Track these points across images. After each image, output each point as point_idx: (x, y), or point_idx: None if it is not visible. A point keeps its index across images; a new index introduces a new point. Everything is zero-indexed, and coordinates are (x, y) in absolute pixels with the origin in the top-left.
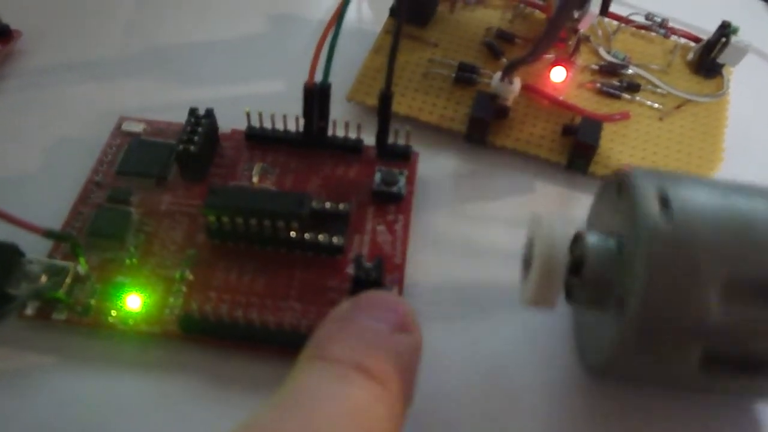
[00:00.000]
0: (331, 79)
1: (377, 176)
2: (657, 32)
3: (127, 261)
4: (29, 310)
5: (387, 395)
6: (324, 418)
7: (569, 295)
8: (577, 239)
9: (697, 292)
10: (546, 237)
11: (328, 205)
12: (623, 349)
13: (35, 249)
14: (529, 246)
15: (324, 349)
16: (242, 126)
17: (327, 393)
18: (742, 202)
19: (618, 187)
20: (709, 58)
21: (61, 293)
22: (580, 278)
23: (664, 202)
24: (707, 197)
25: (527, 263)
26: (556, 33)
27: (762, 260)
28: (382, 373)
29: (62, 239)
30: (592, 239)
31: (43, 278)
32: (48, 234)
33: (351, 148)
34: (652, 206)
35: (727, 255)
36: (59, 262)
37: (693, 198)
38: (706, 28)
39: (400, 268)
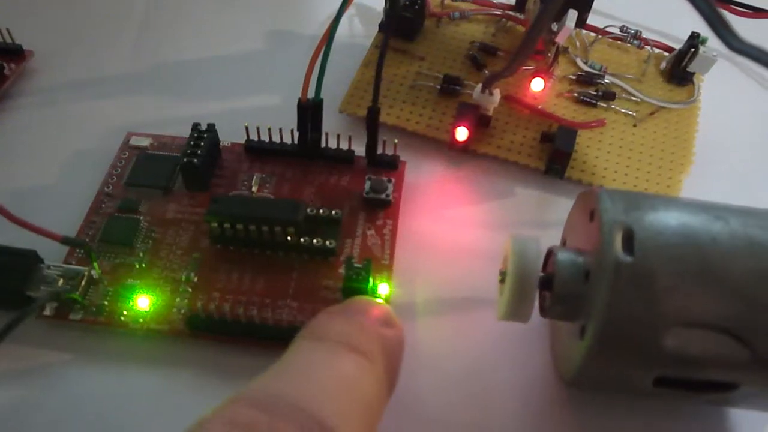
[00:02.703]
0: (325, 91)
1: (367, 184)
2: (631, 43)
3: (137, 265)
4: (48, 311)
5: (374, 370)
6: (316, 383)
7: (542, 309)
8: (549, 255)
9: (652, 327)
10: (519, 255)
11: (321, 211)
12: (586, 367)
13: (52, 255)
14: (505, 262)
15: (316, 331)
16: (241, 139)
17: (319, 364)
18: (705, 238)
19: (590, 213)
20: (681, 67)
21: (76, 295)
22: (551, 293)
23: (628, 238)
24: (670, 232)
25: (503, 279)
26: (530, 48)
27: (714, 299)
28: (370, 351)
29: (78, 245)
30: (563, 256)
31: (60, 281)
32: (65, 241)
33: (343, 159)
34: (616, 242)
35: (683, 295)
36: (75, 267)
37: (656, 234)
38: (680, 37)
39: (388, 269)
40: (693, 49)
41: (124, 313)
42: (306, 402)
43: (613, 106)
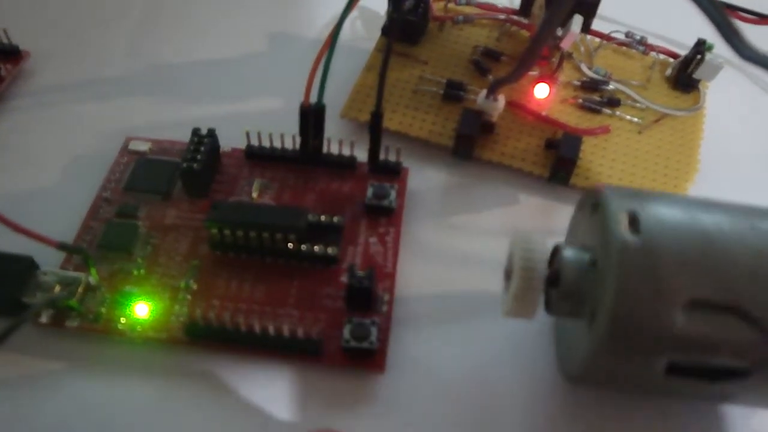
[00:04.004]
0: (326, 95)
1: (369, 191)
2: (636, 49)
3: (135, 272)
4: (44, 318)
5: None
6: None
7: (548, 306)
8: (555, 253)
9: (661, 306)
10: (525, 252)
11: (323, 218)
12: (595, 357)
13: (49, 261)
14: (510, 260)
15: None
16: (242, 144)
17: None
18: (708, 221)
19: (593, 206)
20: (686, 73)
21: (73, 302)
22: (557, 290)
23: (633, 220)
24: (674, 216)
25: (508, 276)
26: (537, 54)
27: (721, 279)
28: None
29: (75, 252)
30: (568, 253)
31: (57, 288)
32: (61, 247)
33: (345, 165)
34: (622, 224)
35: (690, 272)
36: (72, 273)
37: (660, 217)
38: (685, 43)
39: (391, 277)
40: (699, 56)
41: (122, 320)
42: None
43: (617, 113)
